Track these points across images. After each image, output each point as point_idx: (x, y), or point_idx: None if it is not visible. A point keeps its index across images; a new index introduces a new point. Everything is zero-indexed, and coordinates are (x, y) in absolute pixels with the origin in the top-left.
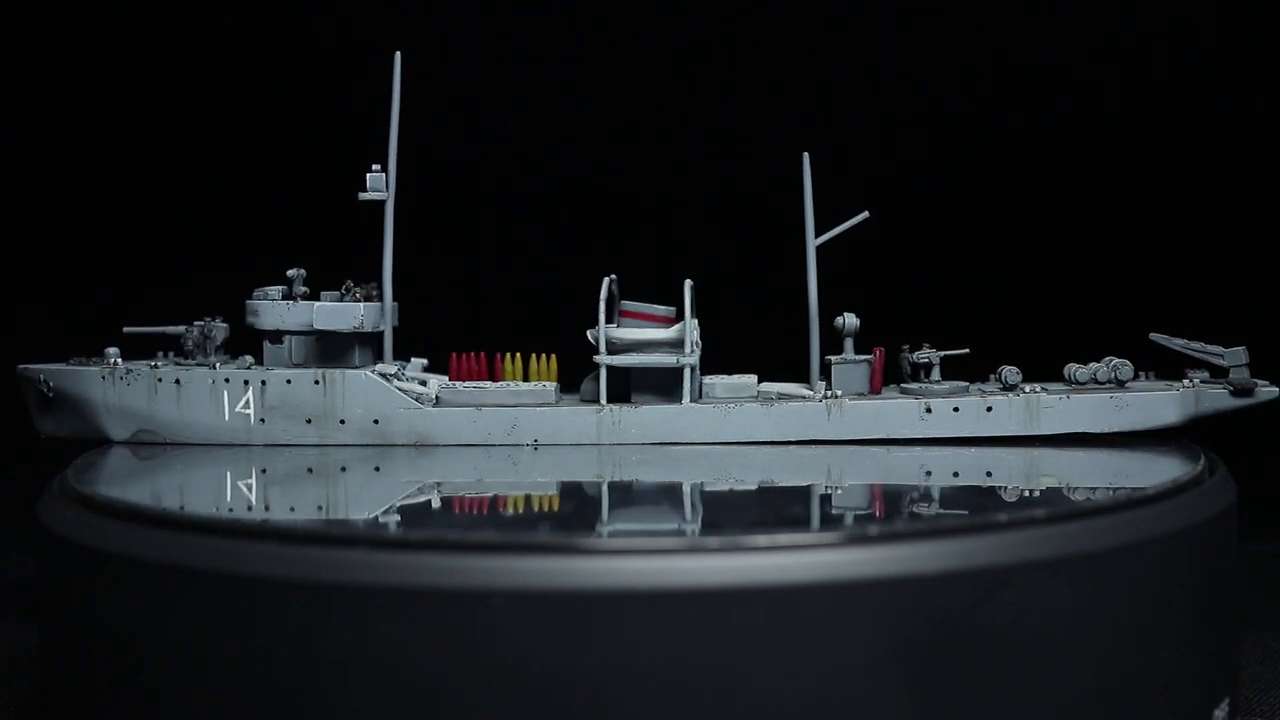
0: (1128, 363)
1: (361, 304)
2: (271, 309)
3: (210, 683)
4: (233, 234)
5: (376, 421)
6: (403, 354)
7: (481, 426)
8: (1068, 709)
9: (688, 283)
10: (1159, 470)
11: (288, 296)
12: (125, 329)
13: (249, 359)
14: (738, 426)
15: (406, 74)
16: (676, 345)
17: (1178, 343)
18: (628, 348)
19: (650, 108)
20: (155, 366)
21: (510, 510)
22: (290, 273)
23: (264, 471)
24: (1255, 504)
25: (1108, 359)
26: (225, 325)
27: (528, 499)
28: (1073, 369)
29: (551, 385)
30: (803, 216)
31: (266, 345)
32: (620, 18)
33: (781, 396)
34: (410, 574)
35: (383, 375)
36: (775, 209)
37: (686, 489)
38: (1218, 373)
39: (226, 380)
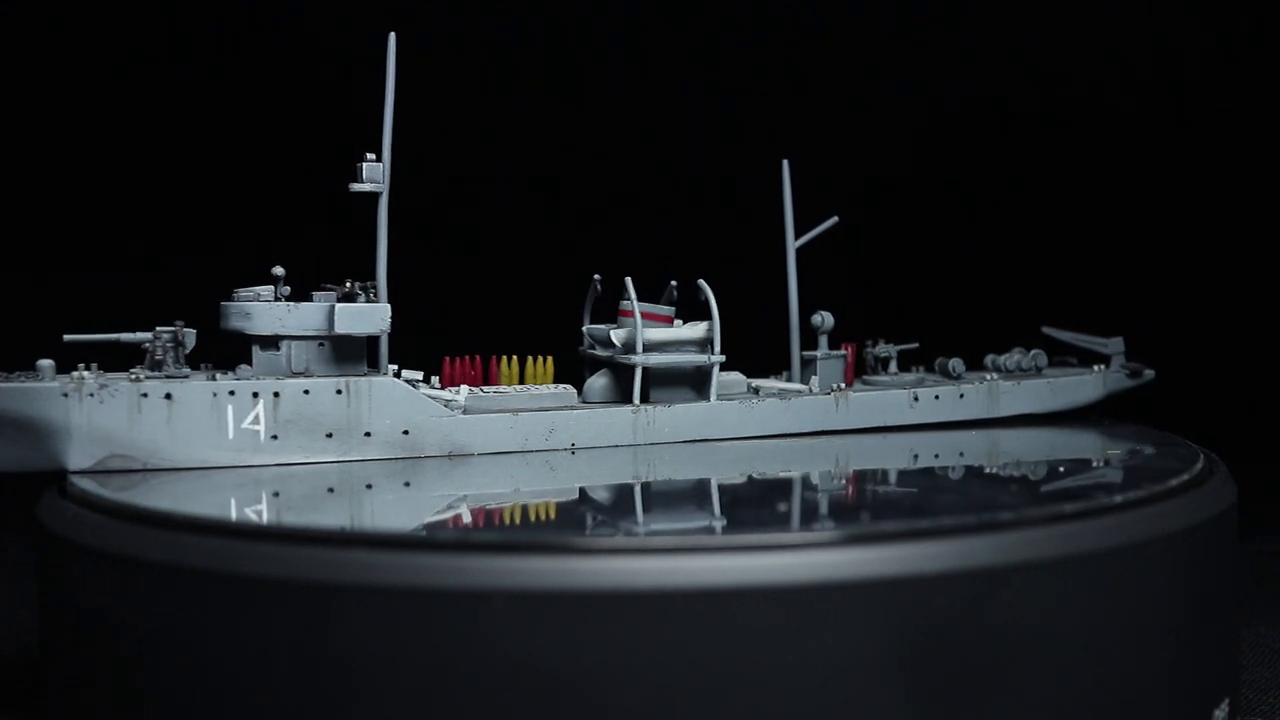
0: (1043, 352)
1: (388, 306)
2: (269, 311)
3: (210, 683)
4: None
5: (406, 432)
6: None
7: (518, 432)
8: (1068, 709)
9: (701, 282)
10: (1105, 441)
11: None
12: (66, 337)
13: (247, 368)
14: (760, 421)
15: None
16: (696, 343)
17: (1067, 335)
18: (652, 347)
19: (635, 108)
20: (138, 379)
21: (555, 518)
22: (278, 271)
23: (276, 495)
24: (1255, 504)
25: (1016, 349)
26: (193, 331)
27: (574, 505)
28: (998, 359)
29: (570, 388)
30: (781, 219)
31: (256, 352)
32: (617, 17)
33: (783, 391)
34: (410, 574)
35: (410, 381)
36: (741, 211)
37: (731, 486)
38: (1090, 359)
39: (231, 393)
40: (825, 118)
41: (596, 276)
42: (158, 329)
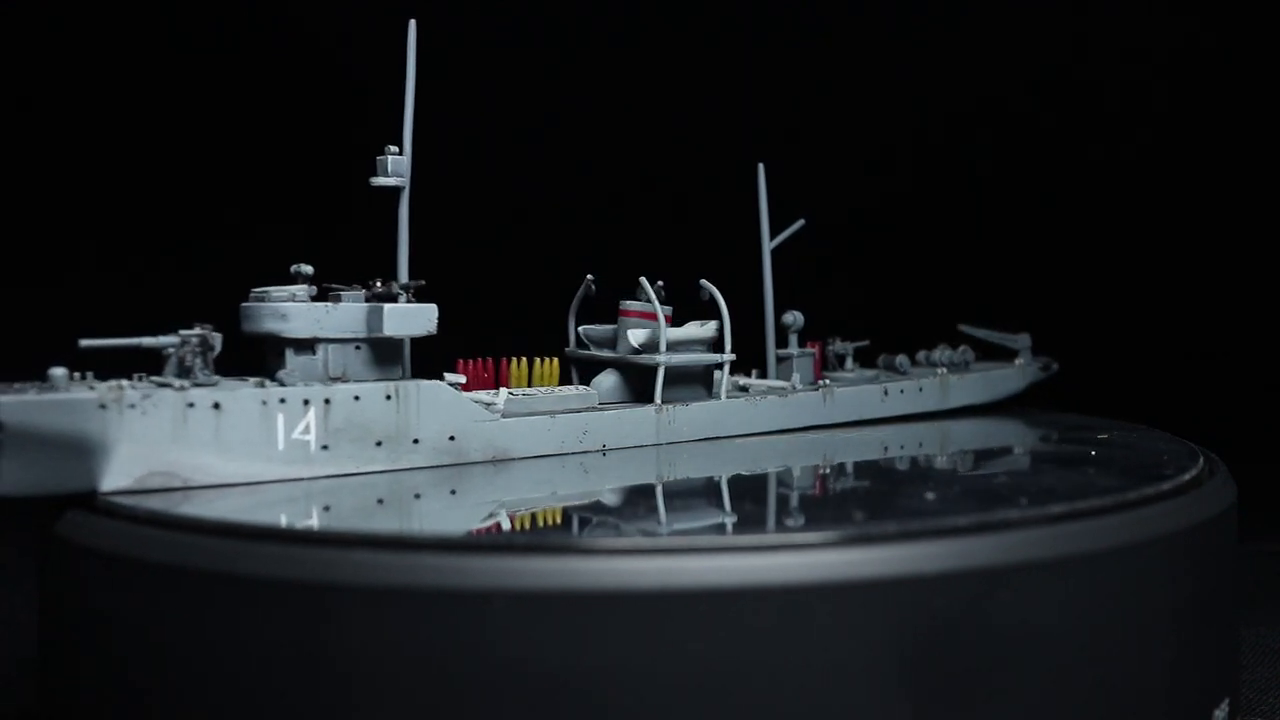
0: (969, 348)
1: (434, 306)
2: (307, 312)
3: (210, 683)
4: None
5: (452, 438)
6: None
7: (556, 435)
8: (1068, 709)
9: (704, 282)
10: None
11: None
12: (82, 343)
13: (295, 373)
14: (763, 418)
15: (387, 83)
16: (704, 342)
17: (981, 332)
18: (669, 347)
19: (618, 111)
20: (183, 388)
21: (593, 522)
22: (306, 269)
23: (326, 509)
24: (1255, 504)
25: (942, 346)
26: (219, 335)
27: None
28: (931, 355)
29: (591, 389)
30: (757, 222)
31: (290, 356)
32: (617, 17)
33: (771, 389)
34: (410, 574)
35: (453, 385)
36: (699, 213)
37: (763, 484)
38: (995, 353)
39: (282, 401)
40: (797, 123)
41: (590, 277)
42: (182, 332)
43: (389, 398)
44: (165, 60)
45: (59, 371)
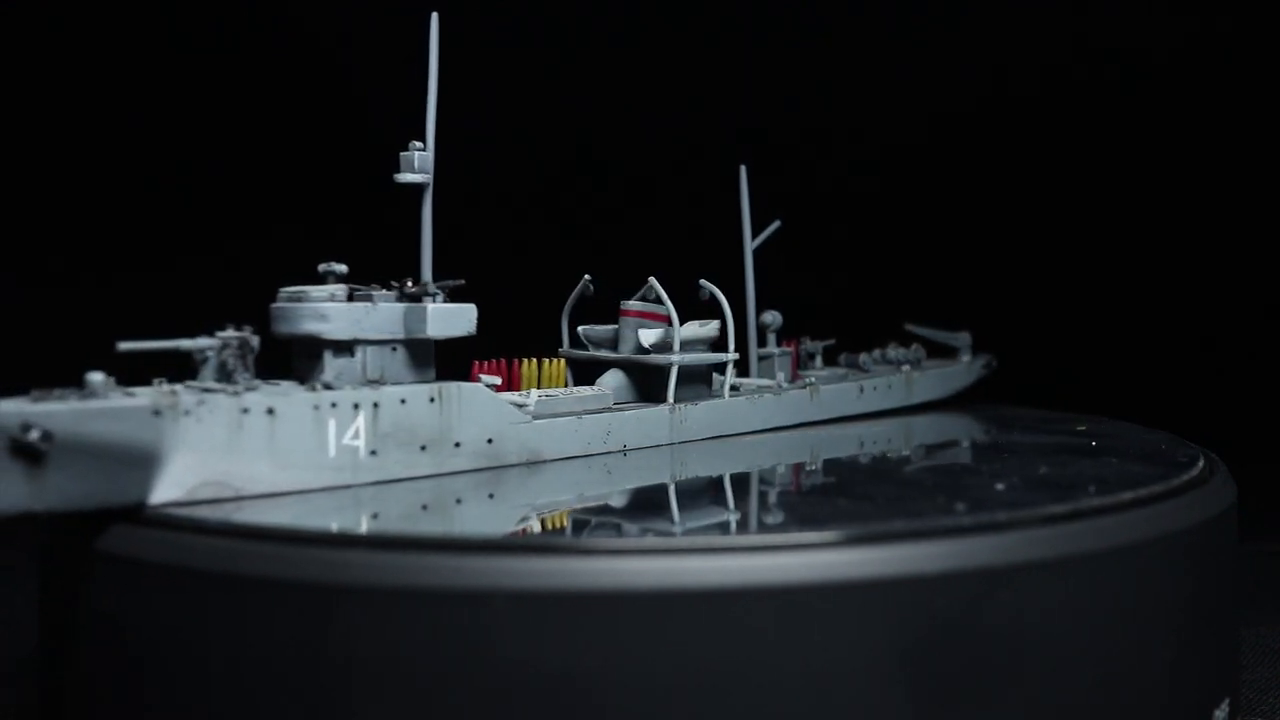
0: (921, 347)
1: (473, 306)
2: (348, 313)
3: (210, 683)
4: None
5: (490, 441)
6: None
7: (582, 436)
8: (1068, 709)
9: (704, 282)
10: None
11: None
12: (120, 345)
13: (342, 376)
14: (760, 416)
15: (399, 82)
16: (706, 342)
17: (925, 330)
18: (666, 346)
19: (603, 112)
20: (237, 393)
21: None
22: (339, 268)
23: (375, 516)
24: (1255, 504)
25: (893, 344)
26: (258, 337)
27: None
28: (887, 353)
29: (604, 389)
30: (739, 223)
31: (330, 358)
32: (618, 17)
33: (761, 389)
34: (410, 574)
35: (489, 387)
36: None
37: (760, 479)
38: (939, 351)
39: (333, 405)
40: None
41: (587, 277)
42: (219, 335)
43: (432, 400)
44: (162, 60)
45: (98, 377)
